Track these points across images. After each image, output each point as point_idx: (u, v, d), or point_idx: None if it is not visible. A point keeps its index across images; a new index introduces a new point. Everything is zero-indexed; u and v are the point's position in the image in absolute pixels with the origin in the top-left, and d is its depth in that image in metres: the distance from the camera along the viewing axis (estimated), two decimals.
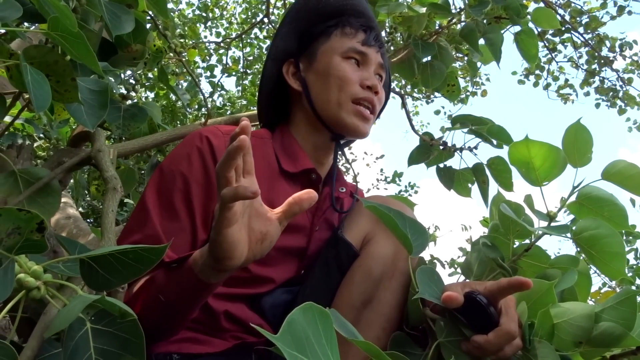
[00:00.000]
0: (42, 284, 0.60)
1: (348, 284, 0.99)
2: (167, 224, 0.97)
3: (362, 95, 1.12)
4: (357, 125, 1.12)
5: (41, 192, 0.90)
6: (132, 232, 0.97)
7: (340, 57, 1.14)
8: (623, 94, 5.62)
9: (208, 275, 0.78)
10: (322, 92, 1.13)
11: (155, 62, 1.24)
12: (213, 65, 5.91)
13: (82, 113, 0.89)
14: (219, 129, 1.09)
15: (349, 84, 1.12)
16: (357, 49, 1.14)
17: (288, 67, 1.20)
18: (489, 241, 1.05)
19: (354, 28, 1.17)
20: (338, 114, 1.11)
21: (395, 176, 7.97)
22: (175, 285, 0.83)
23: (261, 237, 0.76)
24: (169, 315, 0.86)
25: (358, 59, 1.15)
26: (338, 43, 1.15)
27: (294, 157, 1.12)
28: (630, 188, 0.98)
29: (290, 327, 0.39)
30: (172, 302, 0.83)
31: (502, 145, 1.65)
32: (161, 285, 0.84)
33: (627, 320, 0.74)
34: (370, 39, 1.16)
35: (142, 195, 1.01)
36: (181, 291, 0.82)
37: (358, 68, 1.15)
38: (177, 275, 0.82)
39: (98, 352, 0.59)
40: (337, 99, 1.11)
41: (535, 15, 1.71)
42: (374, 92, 1.13)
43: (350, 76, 1.12)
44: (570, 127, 1.01)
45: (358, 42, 1.15)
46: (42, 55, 0.81)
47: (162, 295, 0.83)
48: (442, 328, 0.84)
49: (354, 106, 1.11)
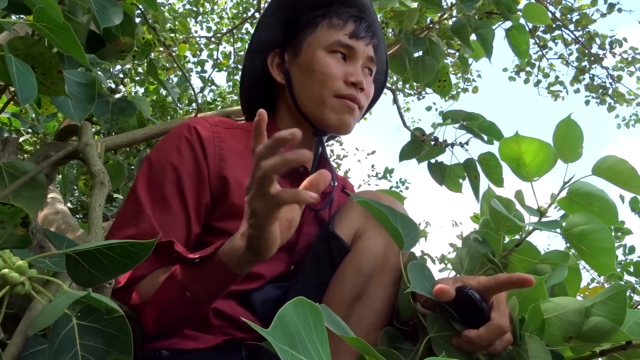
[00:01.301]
0: (26, 279, 0.58)
1: (339, 279, 0.99)
2: (160, 217, 0.96)
3: (345, 92, 1.08)
4: (339, 121, 1.09)
5: (27, 187, 0.88)
6: (125, 226, 0.95)
7: (325, 51, 1.10)
8: (612, 91, 5.66)
9: (243, 268, 0.81)
10: (305, 86, 1.10)
11: (144, 54, 1.22)
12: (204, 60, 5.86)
13: (69, 106, 0.88)
14: (207, 120, 1.08)
15: (331, 80, 1.08)
16: (343, 42, 1.10)
17: (273, 58, 1.17)
18: (480, 236, 1.05)
19: (343, 19, 1.12)
20: (320, 110, 1.09)
21: (387, 172, 7.98)
22: (204, 281, 0.84)
23: (288, 223, 0.78)
24: (192, 308, 0.87)
25: (344, 53, 1.10)
26: (324, 35, 1.11)
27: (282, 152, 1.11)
28: (620, 183, 0.98)
29: (281, 321, 0.39)
30: (199, 297, 0.84)
31: (493, 141, 1.66)
32: (187, 282, 0.84)
33: (617, 315, 0.74)
34: (359, 30, 1.11)
35: (133, 188, 1.00)
36: (211, 286, 0.84)
37: (344, 62, 1.10)
38: (207, 271, 0.83)
39: (84, 349, 0.58)
40: (319, 95, 1.08)
41: (526, 11, 1.70)
42: (359, 88, 1.09)
43: (334, 71, 1.08)
44: (561, 123, 1.02)
45: (346, 34, 1.10)
46: (27, 47, 0.79)
47: (188, 292, 0.84)
48: (433, 323, 0.84)
49: (337, 100, 1.08)
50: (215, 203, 1.02)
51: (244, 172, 1.05)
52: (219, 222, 1.02)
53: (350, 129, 1.11)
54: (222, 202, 1.01)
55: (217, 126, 1.07)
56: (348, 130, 1.11)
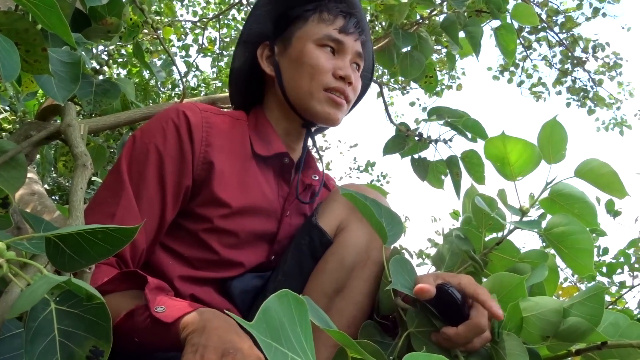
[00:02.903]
0: (4, 261, 0.57)
1: (320, 272, 0.99)
2: (137, 198, 0.95)
3: (334, 85, 1.09)
4: (328, 113, 1.09)
5: (6, 166, 0.86)
6: (105, 202, 0.94)
7: (315, 44, 1.10)
8: (593, 94, 5.75)
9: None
10: (294, 79, 1.10)
11: (131, 36, 1.19)
12: (188, 44, 5.79)
13: (52, 85, 0.86)
14: (197, 105, 1.07)
15: (321, 73, 1.08)
16: (333, 37, 1.11)
17: (263, 50, 1.17)
18: (461, 233, 1.05)
19: (333, 14, 1.12)
20: (309, 102, 1.09)
21: (368, 165, 8.00)
22: (156, 338, 0.80)
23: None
24: (138, 349, 0.84)
25: (333, 47, 1.11)
26: (314, 29, 1.11)
27: (267, 141, 1.10)
28: (601, 186, 0.99)
29: (265, 315, 0.38)
30: (146, 346, 0.82)
31: (477, 138, 1.67)
32: (140, 330, 0.80)
33: (594, 316, 0.76)
34: (348, 26, 1.12)
35: (116, 166, 0.99)
36: (160, 343, 0.80)
37: (333, 56, 1.11)
38: (162, 333, 0.78)
39: (62, 334, 0.57)
40: (308, 88, 1.08)
41: (515, 11, 1.71)
42: (347, 82, 1.10)
43: (323, 65, 1.09)
44: (546, 124, 1.02)
45: (335, 29, 1.11)
46: (11, 22, 0.77)
47: (137, 338, 0.81)
48: (412, 318, 0.85)
49: (325, 94, 1.08)
50: (199, 188, 1.01)
51: (229, 158, 1.04)
52: (200, 208, 1.01)
53: (339, 121, 1.12)
54: (206, 187, 1.01)
55: (206, 112, 1.06)
56: (336, 122, 1.12)
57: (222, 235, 1.01)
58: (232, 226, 1.02)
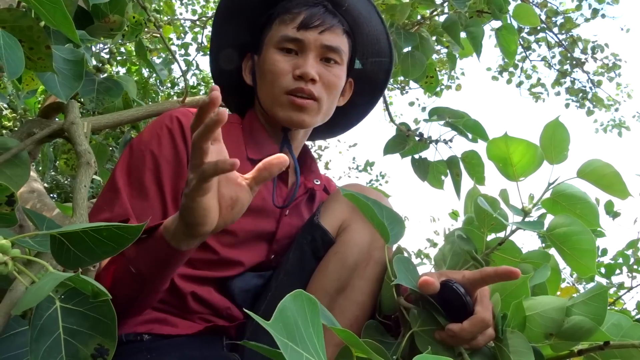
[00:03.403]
0: (9, 259, 0.57)
1: (322, 271, 0.99)
2: (136, 203, 0.96)
3: (293, 87, 1.05)
4: (289, 117, 1.07)
5: (9, 164, 0.85)
6: (101, 210, 0.95)
7: (275, 49, 1.08)
8: (592, 95, 5.76)
9: (179, 242, 0.78)
10: (261, 86, 1.10)
11: (134, 34, 1.19)
12: (187, 43, 5.78)
13: (55, 83, 0.86)
14: (190, 110, 1.08)
15: (279, 77, 1.06)
16: (289, 37, 1.06)
17: (247, 61, 1.17)
18: (464, 233, 1.05)
19: (293, 13, 1.07)
20: (273, 109, 1.08)
21: (367, 165, 8.01)
22: (145, 255, 0.81)
23: (232, 203, 0.75)
24: (140, 287, 0.84)
25: (294, 48, 1.07)
26: (275, 32, 1.09)
27: (260, 144, 1.10)
28: (603, 187, 0.99)
29: (282, 314, 0.38)
30: (143, 273, 0.82)
31: (477, 139, 1.67)
32: (131, 256, 0.82)
33: (598, 316, 0.76)
34: (307, 19, 1.06)
35: (112, 174, 1.00)
36: (152, 260, 0.81)
37: (295, 57, 1.07)
38: (148, 245, 0.81)
39: (67, 332, 0.56)
40: (271, 94, 1.07)
41: (517, 11, 1.71)
42: (309, 79, 1.05)
43: (281, 68, 1.06)
44: (548, 125, 1.03)
45: (294, 27, 1.06)
46: (15, 19, 0.76)
47: (132, 267, 0.81)
48: (416, 317, 0.85)
49: (287, 97, 1.06)
50: None
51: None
52: None
53: (303, 121, 1.08)
54: None
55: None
56: (302, 125, 1.09)
57: (221, 235, 1.01)
58: (231, 226, 1.02)
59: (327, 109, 1.11)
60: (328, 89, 1.09)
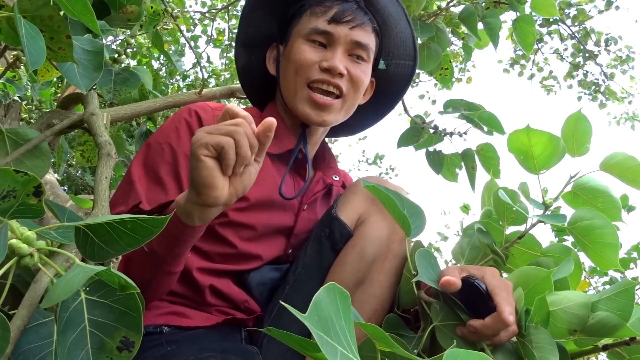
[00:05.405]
0: (35, 251, 0.57)
1: (341, 264, 0.98)
2: (153, 196, 0.95)
3: (317, 77, 1.04)
4: (308, 114, 1.05)
5: (29, 155, 0.85)
6: (117, 204, 0.94)
7: (303, 39, 1.06)
8: (605, 88, 5.69)
9: (191, 216, 0.77)
10: (284, 77, 1.09)
11: (152, 25, 1.18)
12: (197, 35, 5.77)
13: (75, 74, 0.85)
14: (208, 105, 1.08)
15: (304, 67, 1.04)
16: (320, 29, 1.05)
17: (271, 52, 1.16)
18: (483, 227, 1.04)
19: (325, 6, 1.06)
20: (293, 101, 1.07)
21: (377, 158, 7.98)
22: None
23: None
24: (153, 266, 0.84)
25: (322, 41, 1.06)
26: (305, 24, 1.07)
27: (279, 138, 1.09)
28: (628, 180, 0.98)
29: (317, 307, 0.38)
30: (156, 251, 0.82)
31: (492, 132, 1.65)
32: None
33: (624, 312, 0.74)
34: (340, 14, 1.05)
35: (129, 168, 1.00)
36: (164, 237, 0.78)
37: (324, 49, 1.06)
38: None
39: (93, 324, 0.57)
40: (293, 85, 1.06)
41: (535, 2, 1.69)
42: (336, 74, 1.04)
43: (308, 58, 1.04)
44: (570, 117, 1.01)
45: (325, 20, 1.05)
46: (35, 8, 0.76)
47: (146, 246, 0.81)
48: (437, 312, 0.84)
49: (308, 92, 1.04)
50: None
51: None
52: None
53: (324, 120, 1.06)
54: None
55: (218, 110, 1.08)
56: (320, 122, 1.07)
57: (240, 229, 1.01)
58: (249, 219, 1.02)
59: (350, 105, 1.10)
60: (354, 85, 1.08)
